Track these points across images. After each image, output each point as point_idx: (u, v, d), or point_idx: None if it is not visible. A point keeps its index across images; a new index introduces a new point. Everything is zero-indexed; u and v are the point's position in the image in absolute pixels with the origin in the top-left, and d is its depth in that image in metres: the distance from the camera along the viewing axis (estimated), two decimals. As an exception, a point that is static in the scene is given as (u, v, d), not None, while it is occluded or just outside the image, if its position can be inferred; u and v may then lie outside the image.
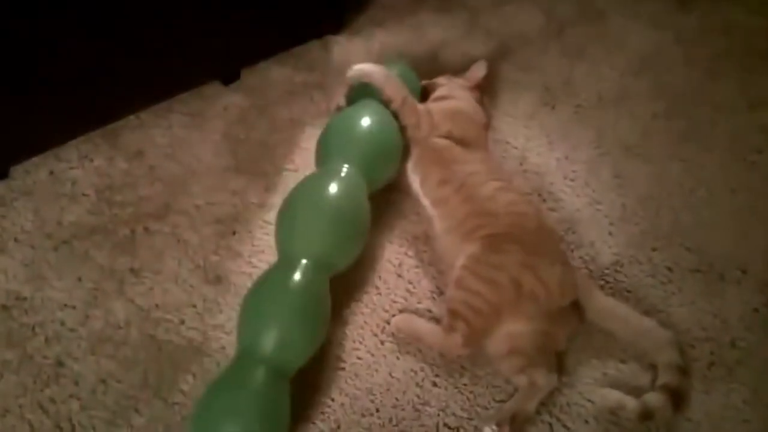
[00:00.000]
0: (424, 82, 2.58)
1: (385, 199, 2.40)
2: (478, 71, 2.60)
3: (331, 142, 2.35)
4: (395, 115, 2.38)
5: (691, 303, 2.27)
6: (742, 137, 2.70)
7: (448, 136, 2.38)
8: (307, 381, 2.02)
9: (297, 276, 2.00)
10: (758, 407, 2.08)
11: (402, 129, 2.39)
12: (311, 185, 2.21)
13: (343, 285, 2.20)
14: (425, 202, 2.31)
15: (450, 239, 2.21)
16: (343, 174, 2.20)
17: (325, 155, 2.33)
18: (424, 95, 2.54)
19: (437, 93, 2.54)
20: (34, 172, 2.51)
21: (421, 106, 2.42)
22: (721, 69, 2.94)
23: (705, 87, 2.87)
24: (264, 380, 1.86)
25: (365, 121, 2.33)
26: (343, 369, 2.12)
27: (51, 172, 2.51)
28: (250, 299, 2.02)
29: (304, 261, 2.03)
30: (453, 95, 2.52)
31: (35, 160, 2.53)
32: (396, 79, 2.41)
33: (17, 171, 2.51)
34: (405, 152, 2.41)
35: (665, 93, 2.84)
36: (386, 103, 2.38)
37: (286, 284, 2.00)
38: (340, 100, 2.57)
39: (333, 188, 2.16)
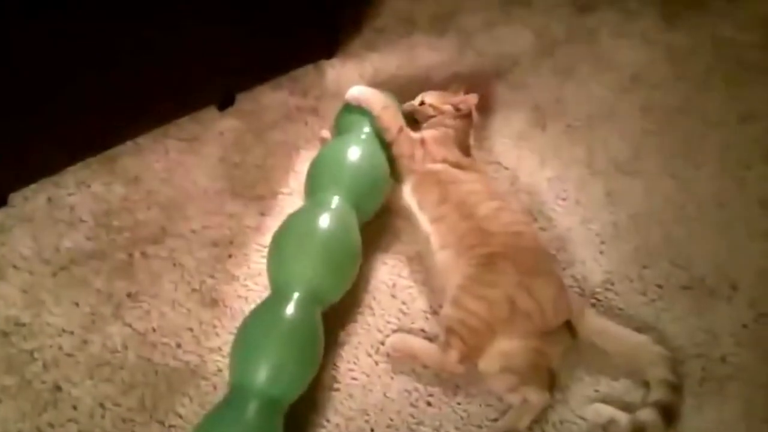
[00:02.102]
0: (407, 106, 2.59)
1: (378, 220, 2.42)
2: (469, 102, 2.59)
3: (321, 174, 2.38)
4: (388, 145, 2.42)
5: (682, 319, 2.28)
6: (732, 152, 2.71)
7: (443, 162, 2.41)
8: (302, 402, 2.02)
9: (289, 310, 2.02)
10: (750, 422, 2.09)
11: (395, 158, 2.42)
12: (302, 218, 2.24)
13: (338, 306, 2.21)
14: (423, 219, 2.33)
15: (446, 256, 2.23)
16: (333, 206, 2.23)
17: (314, 187, 2.35)
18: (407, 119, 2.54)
19: (432, 122, 2.55)
20: (32, 199, 2.54)
21: (415, 136, 2.45)
22: (710, 84, 2.95)
23: (695, 102, 2.89)
24: (256, 415, 1.87)
25: (354, 153, 2.37)
26: (338, 390, 2.14)
27: (49, 199, 2.54)
28: (242, 333, 2.03)
29: (296, 295, 2.05)
30: (446, 124, 2.53)
31: (33, 187, 2.56)
32: (393, 109, 2.45)
33: (16, 198, 2.54)
34: (399, 177, 2.44)
35: (655, 110, 2.86)
36: (380, 132, 2.42)
37: (278, 318, 2.02)
38: (325, 132, 2.61)
39: (324, 221, 2.18)
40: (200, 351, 2.21)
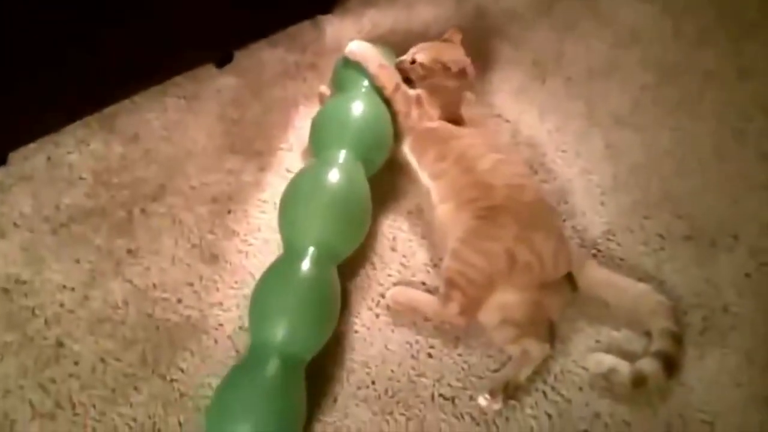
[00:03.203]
0: (399, 63, 2.51)
1: (379, 174, 2.40)
2: (461, 63, 2.52)
3: (326, 130, 2.38)
4: (387, 101, 2.41)
5: (684, 270, 2.29)
6: (731, 106, 2.71)
7: (440, 119, 2.41)
8: (303, 355, 2.03)
9: (304, 266, 2.03)
10: (751, 371, 2.10)
11: (394, 114, 2.41)
12: (311, 175, 2.24)
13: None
14: (423, 174, 2.34)
15: (446, 210, 2.24)
16: (341, 161, 2.23)
17: (320, 143, 2.35)
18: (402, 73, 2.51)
19: (425, 82, 2.50)
20: (32, 158, 2.53)
21: (412, 93, 2.43)
22: (709, 39, 2.94)
23: (694, 57, 2.87)
24: (278, 372, 1.88)
25: (357, 107, 2.36)
26: (339, 343, 2.14)
27: (48, 158, 2.53)
28: (260, 291, 2.04)
29: (310, 251, 2.06)
30: (438, 83, 2.49)
31: (33, 146, 2.56)
32: (389, 67, 2.44)
33: (15, 157, 2.53)
34: (399, 133, 2.43)
35: (655, 64, 2.85)
36: (378, 90, 2.41)
37: (294, 274, 2.03)
38: (323, 88, 2.60)
39: (333, 176, 2.19)
40: (201, 306, 2.21)
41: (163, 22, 2.51)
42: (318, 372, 2.05)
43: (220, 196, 2.44)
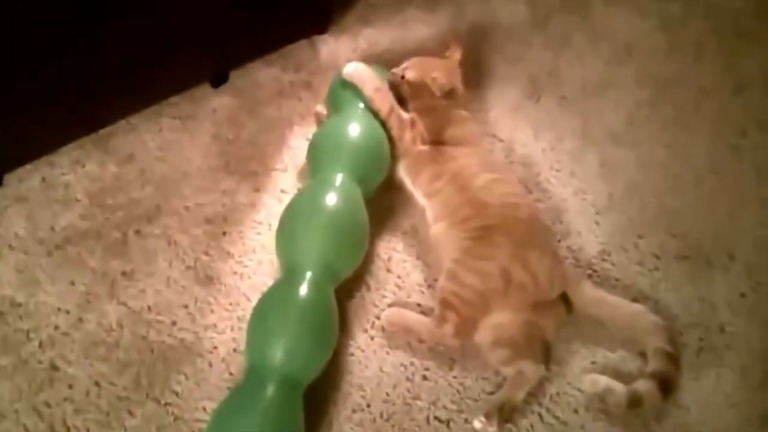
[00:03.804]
0: (391, 77, 2.51)
1: (373, 194, 2.40)
2: (445, 87, 2.51)
3: (323, 152, 2.37)
4: (383, 123, 2.41)
5: (679, 289, 2.29)
6: (727, 121, 2.72)
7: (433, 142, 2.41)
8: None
9: (303, 288, 2.02)
10: (746, 391, 2.10)
11: (390, 136, 2.41)
12: (308, 197, 2.23)
13: (333, 281, 2.20)
14: (417, 193, 2.35)
15: (441, 228, 2.24)
16: (338, 183, 2.22)
17: (317, 166, 2.35)
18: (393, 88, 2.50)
19: (423, 102, 2.50)
20: (27, 179, 2.53)
21: (405, 117, 2.43)
22: (705, 53, 2.95)
23: (689, 72, 2.88)
24: (275, 395, 1.87)
25: (353, 129, 2.36)
26: (334, 365, 2.13)
27: (43, 179, 2.53)
28: (258, 315, 2.03)
29: (308, 273, 2.05)
30: (425, 103, 2.48)
31: (28, 167, 2.55)
32: (385, 90, 2.43)
33: (10, 178, 2.53)
34: (395, 153, 2.43)
35: (650, 80, 2.85)
36: (373, 113, 2.41)
37: (292, 297, 2.02)
38: (319, 107, 2.60)
39: (330, 198, 2.18)
40: (195, 328, 2.21)
41: (157, 43, 2.51)
42: (313, 394, 2.04)
43: (215, 217, 2.44)
